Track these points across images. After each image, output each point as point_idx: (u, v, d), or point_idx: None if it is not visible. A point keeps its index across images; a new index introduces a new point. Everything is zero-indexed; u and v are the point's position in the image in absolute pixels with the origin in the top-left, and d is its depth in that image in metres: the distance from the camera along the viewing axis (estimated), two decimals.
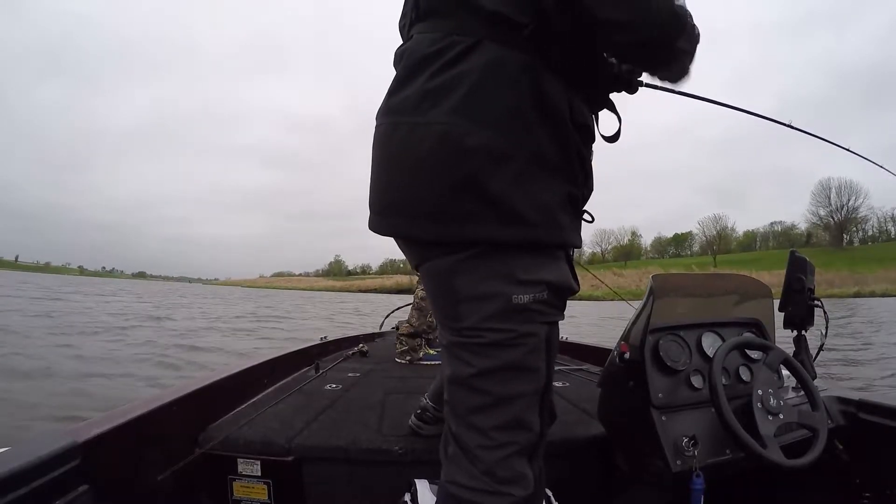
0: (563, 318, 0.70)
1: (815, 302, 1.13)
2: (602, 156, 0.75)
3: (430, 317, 2.33)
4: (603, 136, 0.74)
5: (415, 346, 2.31)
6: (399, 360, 2.29)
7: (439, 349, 2.36)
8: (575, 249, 0.73)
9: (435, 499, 0.88)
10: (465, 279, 0.63)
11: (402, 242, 0.70)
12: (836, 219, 52.30)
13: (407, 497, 0.91)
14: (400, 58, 0.68)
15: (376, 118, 0.69)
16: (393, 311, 3.67)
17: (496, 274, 0.62)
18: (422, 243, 0.66)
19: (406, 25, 0.72)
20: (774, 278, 1.13)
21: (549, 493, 0.93)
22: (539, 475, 0.69)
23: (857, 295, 31.42)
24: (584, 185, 0.69)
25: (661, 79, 0.69)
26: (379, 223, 0.67)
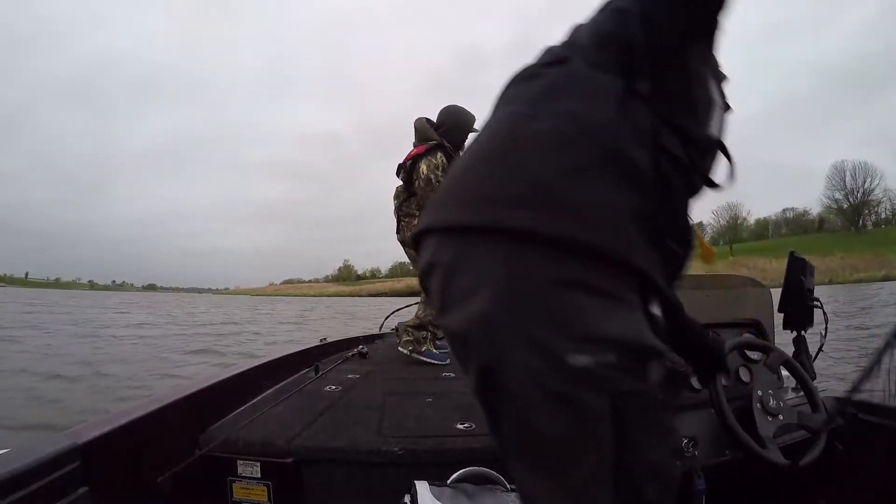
0: None
1: (815, 303, 1.13)
2: None
3: None
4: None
5: (419, 339, 2.32)
6: (402, 350, 2.30)
7: (445, 349, 2.36)
8: None
9: (435, 500, 0.88)
10: None
11: None
12: (851, 201, 50.79)
13: (407, 498, 0.91)
14: None
15: None
16: (393, 313, 3.66)
17: None
18: None
19: None
20: None
21: None
22: None
23: (885, 278, 29.85)
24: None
25: None
26: None
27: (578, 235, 0.46)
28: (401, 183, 2.61)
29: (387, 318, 3.65)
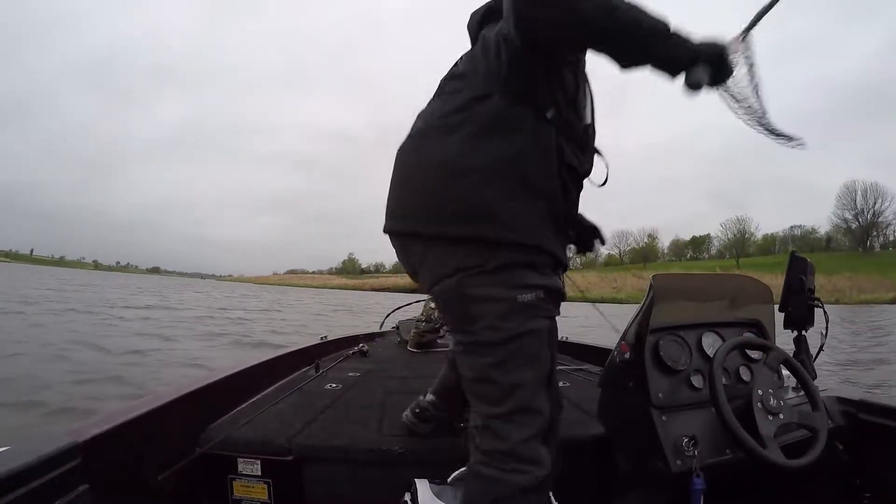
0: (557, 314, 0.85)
1: (816, 302, 1.13)
2: (616, 166, 0.92)
3: None
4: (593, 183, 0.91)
5: None
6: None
7: None
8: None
9: (435, 498, 0.88)
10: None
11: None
12: (861, 222, 50.20)
13: (407, 497, 0.91)
14: None
15: None
16: (393, 311, 3.66)
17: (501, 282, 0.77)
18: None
19: None
20: None
21: (549, 493, 0.93)
22: (555, 459, 0.80)
23: (894, 301, 28.66)
24: (564, 207, 0.82)
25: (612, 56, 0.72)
26: None
27: (510, 237, 0.75)
28: None
29: (387, 316, 3.65)
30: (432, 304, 2.55)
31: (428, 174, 0.78)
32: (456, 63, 0.88)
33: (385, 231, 0.85)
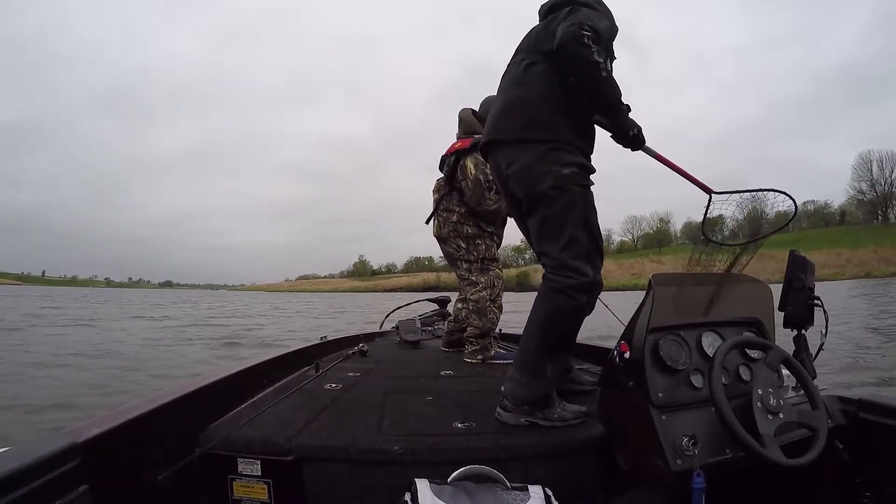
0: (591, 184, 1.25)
1: (815, 301, 1.13)
2: (620, 156, 1.34)
3: (491, 314, 2.35)
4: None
5: (486, 346, 2.32)
6: (469, 360, 2.29)
7: (505, 349, 2.42)
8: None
9: (435, 499, 0.88)
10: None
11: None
12: (878, 192, 48.61)
13: (407, 497, 0.91)
14: None
15: None
16: (393, 311, 3.66)
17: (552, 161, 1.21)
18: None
19: None
20: (827, 258, 1.12)
21: (549, 492, 0.93)
22: (596, 273, 1.19)
23: None
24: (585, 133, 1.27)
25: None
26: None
27: (552, 136, 1.22)
28: (441, 176, 2.48)
29: (387, 315, 3.64)
30: (460, 305, 2.56)
31: (514, 106, 1.27)
32: (521, 42, 1.37)
33: (486, 140, 1.33)
